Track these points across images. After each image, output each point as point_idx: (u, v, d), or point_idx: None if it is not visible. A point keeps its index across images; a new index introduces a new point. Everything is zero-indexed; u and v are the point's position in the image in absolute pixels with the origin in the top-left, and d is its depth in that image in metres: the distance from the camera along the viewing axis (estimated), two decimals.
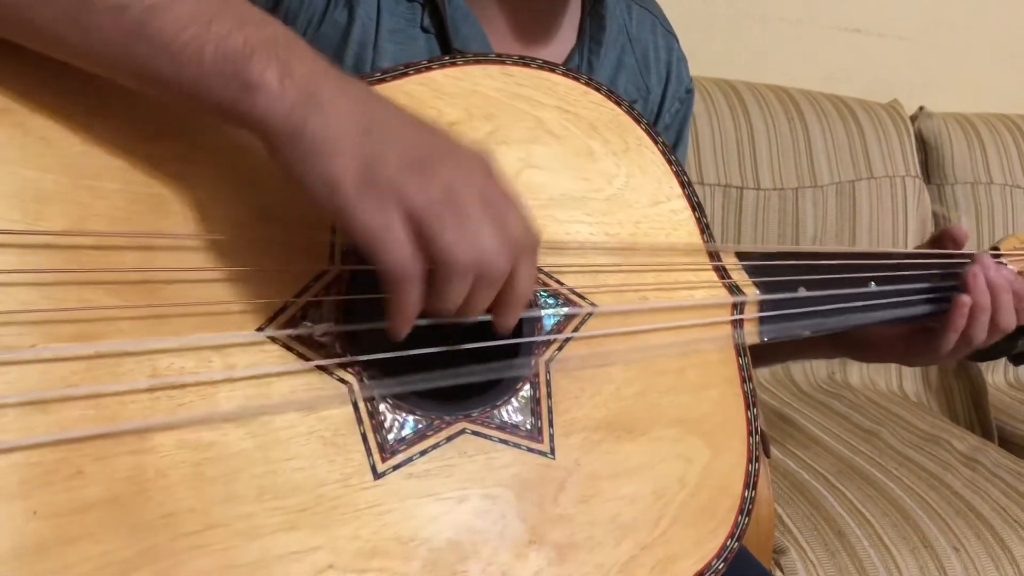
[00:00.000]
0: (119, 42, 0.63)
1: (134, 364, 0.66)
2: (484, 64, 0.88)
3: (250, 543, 0.66)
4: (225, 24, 0.64)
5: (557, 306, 0.84)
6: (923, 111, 2.62)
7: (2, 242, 0.63)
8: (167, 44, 0.63)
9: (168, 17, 0.63)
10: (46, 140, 0.66)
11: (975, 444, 1.99)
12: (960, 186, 2.56)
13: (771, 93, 2.42)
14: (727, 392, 0.90)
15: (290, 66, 0.65)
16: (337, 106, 0.65)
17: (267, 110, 0.64)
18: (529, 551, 0.75)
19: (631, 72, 1.19)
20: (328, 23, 0.98)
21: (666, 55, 1.25)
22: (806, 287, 1.00)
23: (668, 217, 0.93)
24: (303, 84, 0.64)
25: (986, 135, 2.62)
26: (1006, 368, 2.55)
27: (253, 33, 0.64)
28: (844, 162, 2.41)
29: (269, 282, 0.72)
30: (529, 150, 0.87)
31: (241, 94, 0.63)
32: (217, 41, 0.63)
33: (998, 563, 1.56)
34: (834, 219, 2.37)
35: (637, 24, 1.21)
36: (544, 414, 0.80)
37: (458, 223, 0.65)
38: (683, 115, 1.29)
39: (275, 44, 0.65)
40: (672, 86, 1.25)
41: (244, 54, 0.63)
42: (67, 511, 0.61)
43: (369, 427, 0.72)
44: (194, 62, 0.63)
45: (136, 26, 0.62)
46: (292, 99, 0.64)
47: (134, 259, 0.67)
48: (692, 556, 0.82)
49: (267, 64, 0.64)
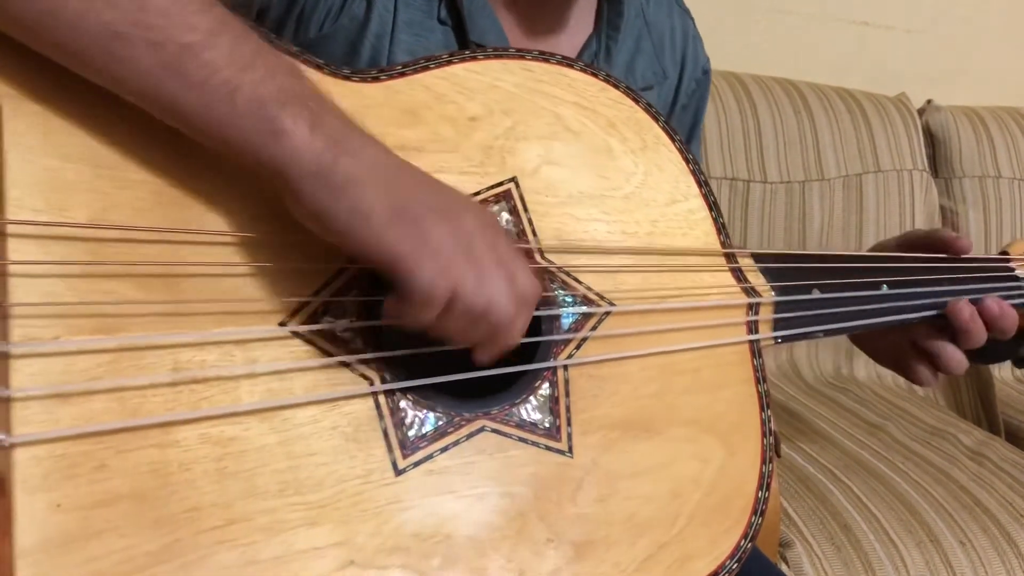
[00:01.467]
0: (152, 76, 0.64)
1: (156, 357, 0.66)
2: (504, 59, 0.88)
3: (272, 538, 0.66)
4: (259, 71, 0.65)
5: (575, 305, 0.84)
6: (931, 104, 2.61)
7: (26, 232, 0.63)
8: (200, 83, 0.64)
9: (204, 57, 0.64)
10: (68, 130, 0.66)
11: (981, 439, 1.99)
12: (968, 180, 2.55)
13: (778, 86, 2.42)
14: (742, 393, 0.91)
15: (321, 117, 0.67)
16: (366, 152, 0.68)
17: (295, 154, 0.65)
18: (547, 549, 0.76)
19: (648, 57, 1.18)
20: (346, 15, 0.98)
21: (682, 36, 1.25)
22: (820, 289, 1.01)
23: (685, 216, 0.93)
24: (332, 133, 0.67)
25: (994, 128, 2.61)
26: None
27: (286, 82, 0.66)
28: (851, 155, 2.40)
29: (291, 278, 0.72)
30: (548, 146, 0.87)
31: (270, 139, 0.65)
32: (252, 86, 0.65)
33: (1004, 557, 1.56)
34: (841, 212, 2.37)
35: (654, 7, 1.21)
36: (562, 413, 0.80)
37: (478, 272, 0.70)
38: (700, 95, 1.29)
39: (306, 95, 0.67)
40: (689, 67, 1.25)
41: (278, 101, 0.65)
42: (91, 504, 0.61)
43: (390, 423, 0.73)
44: (226, 103, 0.64)
45: (172, 61, 0.63)
46: (322, 144, 0.66)
47: (157, 252, 0.68)
48: (707, 555, 0.83)
49: (299, 113, 0.65)
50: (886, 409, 2.14)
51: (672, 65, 1.23)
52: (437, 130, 0.72)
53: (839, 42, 2.67)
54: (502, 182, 0.84)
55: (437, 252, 0.68)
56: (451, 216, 0.70)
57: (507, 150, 0.85)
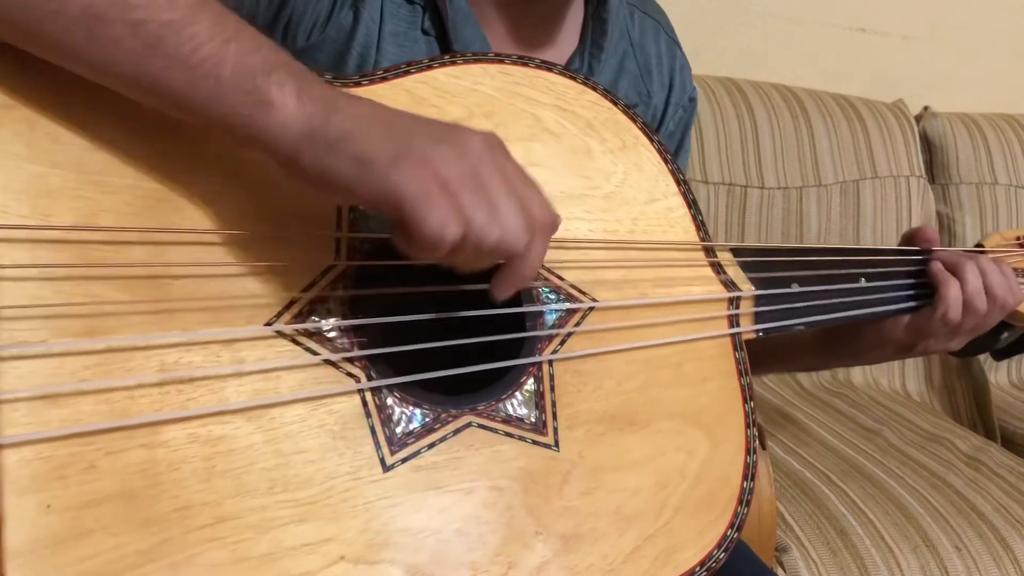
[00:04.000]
0: (134, 56, 0.64)
1: (143, 359, 0.67)
2: (483, 63, 0.89)
3: (262, 536, 0.67)
4: (243, 44, 0.65)
5: (559, 301, 0.85)
6: (928, 111, 2.62)
7: (12, 237, 0.64)
8: (184, 59, 0.64)
9: (186, 33, 0.64)
10: (54, 136, 0.67)
11: (977, 444, 1.99)
12: (964, 186, 2.55)
13: (775, 92, 2.42)
14: (725, 385, 0.92)
15: (306, 84, 0.67)
16: (357, 107, 0.68)
17: (285, 120, 0.65)
18: (535, 542, 0.76)
19: (632, 77, 1.19)
20: (333, 25, 0.99)
21: (669, 63, 1.25)
22: (799, 283, 1.02)
23: (665, 214, 0.94)
24: (320, 97, 0.67)
25: (991, 135, 2.61)
26: (1009, 368, 2.54)
27: (270, 55, 0.66)
28: (848, 161, 2.40)
29: (277, 277, 0.73)
30: (529, 148, 0.88)
31: (258, 110, 0.65)
32: (236, 58, 0.65)
33: (1000, 563, 1.55)
34: (838, 218, 2.37)
35: (640, 30, 1.22)
36: (548, 408, 0.81)
37: (488, 203, 0.67)
38: (685, 122, 1.30)
39: (291, 66, 0.67)
40: (675, 94, 1.26)
41: (263, 71, 0.65)
42: (80, 504, 0.62)
43: (377, 420, 0.73)
44: (211, 78, 0.64)
45: (153, 40, 0.63)
46: (311, 108, 0.66)
47: (143, 254, 0.68)
48: (694, 546, 0.83)
49: (285, 81, 0.65)
50: (882, 414, 2.14)
51: (659, 88, 1.24)
52: None
53: (837, 49, 2.67)
54: None
55: (444, 187, 0.66)
56: (455, 142, 0.68)
57: None
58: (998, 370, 2.52)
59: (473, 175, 0.67)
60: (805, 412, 2.11)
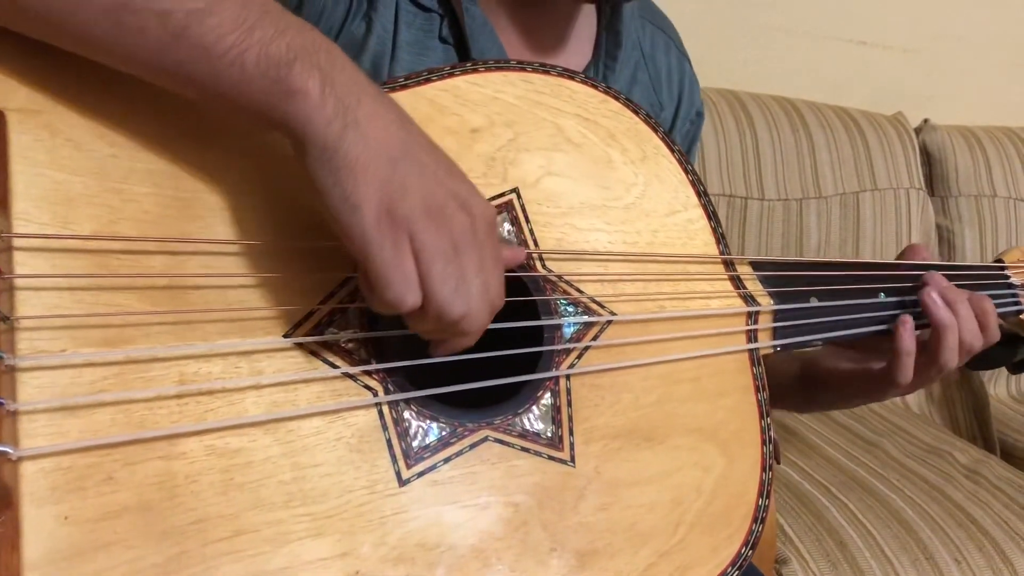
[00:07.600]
0: (160, 45, 0.64)
1: (162, 370, 0.66)
2: (505, 71, 0.88)
3: (279, 549, 0.66)
4: (268, 30, 0.65)
5: (577, 314, 0.85)
6: (927, 123, 2.62)
7: (32, 246, 0.63)
8: (209, 48, 0.63)
9: (211, 22, 0.63)
10: (74, 143, 0.67)
11: (977, 456, 2.00)
12: (964, 199, 2.56)
13: (776, 104, 2.43)
14: (742, 401, 0.91)
15: (331, 75, 0.66)
16: (373, 126, 0.67)
17: (307, 117, 0.65)
18: (551, 558, 0.76)
19: (644, 88, 1.20)
20: (346, 34, 0.98)
21: (679, 76, 1.26)
22: (818, 297, 1.01)
23: (684, 226, 0.94)
24: (343, 94, 0.66)
25: (990, 148, 2.62)
26: (1008, 380, 2.55)
27: (295, 40, 0.65)
28: (848, 174, 2.41)
29: (295, 288, 0.72)
30: (550, 157, 0.87)
31: (281, 100, 0.65)
32: (260, 47, 0.64)
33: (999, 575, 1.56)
34: (838, 230, 2.38)
35: (651, 42, 1.22)
36: (564, 422, 0.80)
37: (456, 281, 0.69)
38: (692, 136, 1.31)
39: (316, 51, 0.66)
40: (684, 107, 1.27)
41: (287, 60, 0.64)
42: (98, 516, 0.61)
43: (394, 434, 0.73)
44: (236, 66, 0.64)
45: (179, 29, 0.63)
46: (332, 109, 0.65)
47: (162, 264, 0.68)
48: (709, 563, 0.83)
49: (309, 72, 0.65)
50: (882, 426, 2.14)
51: (669, 100, 1.25)
52: (440, 142, 0.72)
53: (837, 61, 2.68)
54: (504, 193, 0.84)
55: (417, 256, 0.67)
56: (443, 219, 0.68)
57: (509, 161, 0.85)
58: (997, 383, 2.53)
59: (449, 251, 0.68)
60: (805, 424, 2.11)
